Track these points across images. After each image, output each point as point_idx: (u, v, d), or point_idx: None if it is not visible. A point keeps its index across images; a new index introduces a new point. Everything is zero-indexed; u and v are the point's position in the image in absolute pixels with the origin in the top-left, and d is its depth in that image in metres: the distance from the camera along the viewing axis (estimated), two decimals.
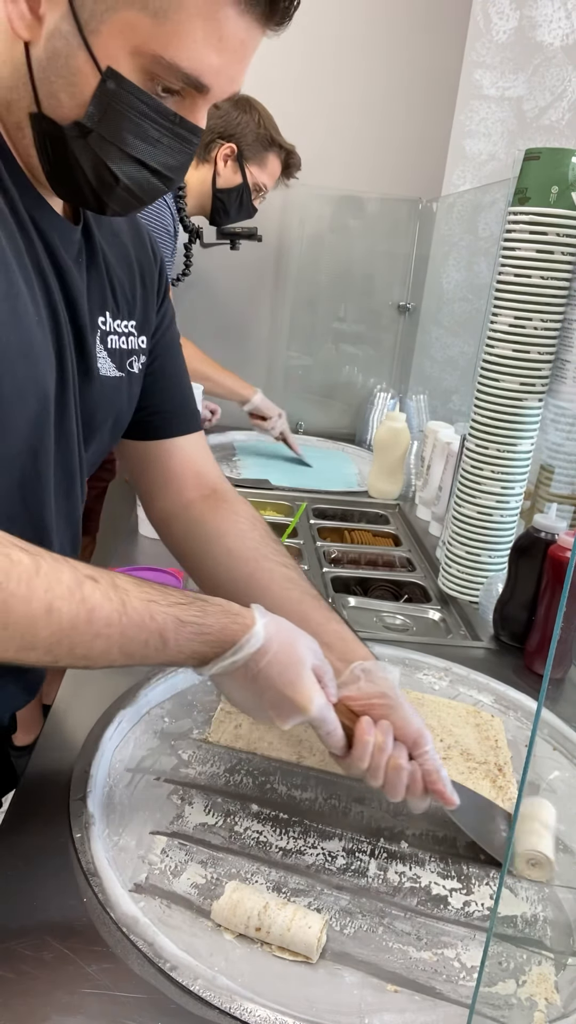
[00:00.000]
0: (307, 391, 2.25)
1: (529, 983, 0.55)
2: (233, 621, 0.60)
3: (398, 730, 0.65)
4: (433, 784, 0.64)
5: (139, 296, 0.77)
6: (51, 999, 0.50)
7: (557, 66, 1.69)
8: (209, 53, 0.54)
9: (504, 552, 1.10)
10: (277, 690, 0.60)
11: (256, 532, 0.82)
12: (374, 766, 0.63)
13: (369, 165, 2.04)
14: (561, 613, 0.80)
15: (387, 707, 0.66)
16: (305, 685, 0.61)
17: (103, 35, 0.53)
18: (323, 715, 0.62)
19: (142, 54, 0.54)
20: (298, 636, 0.63)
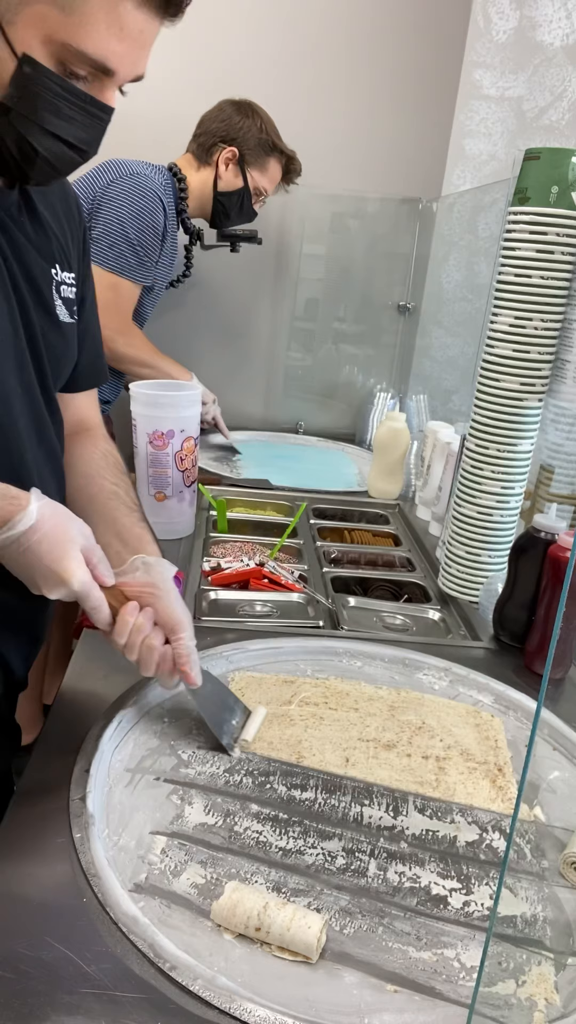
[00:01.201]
0: (307, 391, 2.25)
1: (529, 983, 0.55)
2: (9, 503, 0.67)
3: (160, 616, 0.74)
4: (181, 664, 0.74)
5: (73, 251, 0.85)
6: (51, 999, 0.50)
7: (557, 66, 1.69)
8: (111, 41, 0.63)
9: (504, 552, 1.10)
10: (45, 564, 0.67)
11: (104, 461, 0.91)
12: (130, 644, 0.72)
13: (369, 165, 2.04)
14: (561, 613, 0.80)
15: (155, 596, 0.74)
16: (71, 560, 0.67)
17: (18, 26, 0.61)
18: (86, 591, 0.68)
19: (53, 42, 0.62)
20: (71, 520, 0.70)
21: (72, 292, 0.83)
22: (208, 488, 1.49)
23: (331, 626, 1.09)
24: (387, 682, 0.93)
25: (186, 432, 1.25)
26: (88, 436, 0.94)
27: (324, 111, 1.99)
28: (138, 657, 0.73)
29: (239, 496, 1.57)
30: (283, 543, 1.31)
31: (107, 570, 0.72)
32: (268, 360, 2.23)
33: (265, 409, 2.24)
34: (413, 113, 2.00)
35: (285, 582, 1.18)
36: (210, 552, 1.29)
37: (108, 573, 0.72)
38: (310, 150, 2.01)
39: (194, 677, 0.75)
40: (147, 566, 0.77)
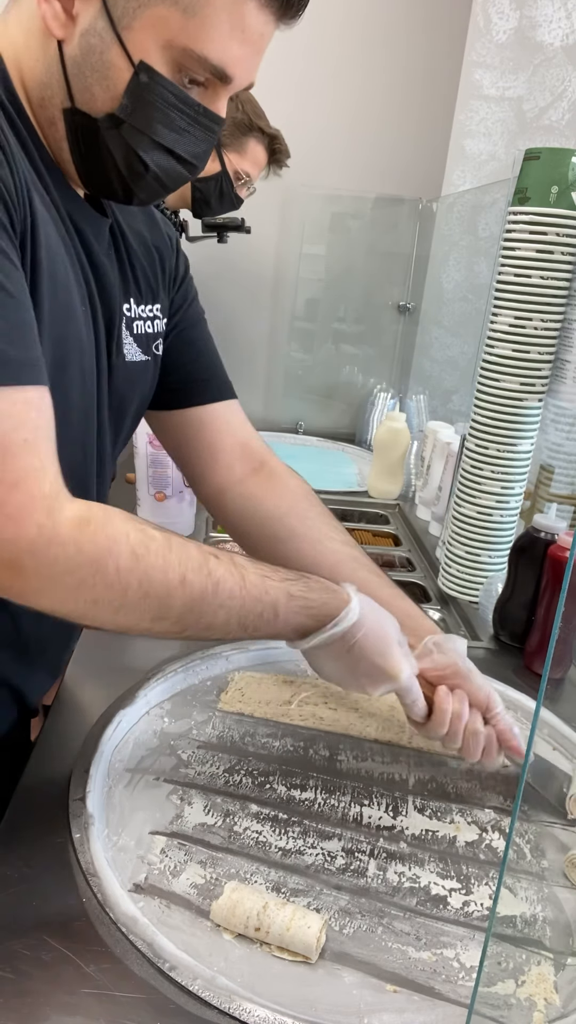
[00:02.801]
0: (307, 391, 2.25)
1: (528, 983, 0.55)
2: (333, 597, 0.66)
3: (471, 697, 0.71)
4: (507, 742, 0.71)
5: (160, 280, 0.79)
6: (51, 999, 0.50)
7: (557, 66, 1.69)
8: (233, 45, 0.58)
9: (504, 552, 1.10)
10: (370, 661, 0.66)
11: (315, 511, 0.85)
12: (453, 732, 0.69)
13: (369, 165, 2.04)
14: (560, 613, 0.80)
15: (459, 676, 0.71)
16: (396, 656, 0.66)
17: (135, 30, 0.56)
18: (410, 684, 0.67)
19: (173, 47, 0.57)
20: (386, 613, 0.69)
21: (150, 326, 0.77)
22: None
23: None
24: None
25: None
26: (274, 475, 0.87)
27: (324, 111, 1.99)
28: (462, 745, 0.71)
29: None
30: None
31: (412, 658, 0.70)
32: (268, 360, 2.23)
33: (265, 409, 2.24)
34: (413, 113, 2.00)
35: None
36: None
37: (414, 661, 0.70)
38: (310, 150, 2.01)
39: (523, 751, 0.72)
40: (438, 645, 0.73)
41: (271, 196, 2.04)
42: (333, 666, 0.68)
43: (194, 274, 0.90)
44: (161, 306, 0.79)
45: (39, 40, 0.59)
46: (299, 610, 0.64)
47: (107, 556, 0.54)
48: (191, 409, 0.85)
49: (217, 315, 2.25)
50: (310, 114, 1.99)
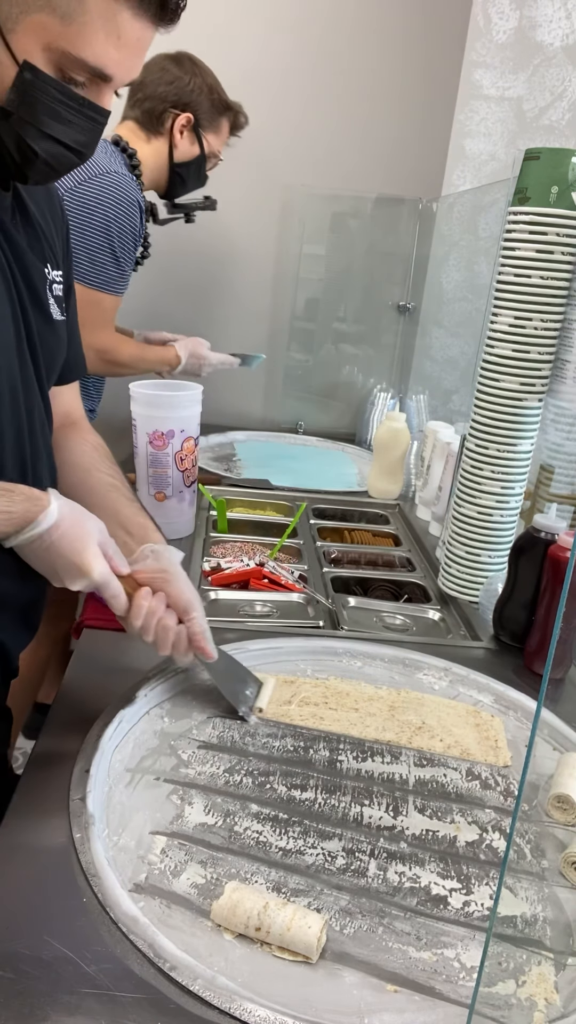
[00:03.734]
0: (307, 391, 2.25)
1: (529, 983, 0.55)
2: (34, 504, 0.72)
3: (171, 599, 0.79)
4: (196, 642, 0.80)
5: (59, 249, 0.87)
6: (51, 999, 0.50)
7: (557, 66, 1.69)
8: (109, 49, 0.65)
9: (504, 552, 1.10)
10: (66, 558, 0.72)
11: (96, 453, 0.95)
12: (146, 625, 0.77)
13: (369, 165, 2.04)
14: (561, 613, 0.80)
15: (166, 580, 0.79)
16: (90, 554, 0.73)
17: (18, 34, 0.63)
18: (105, 580, 0.74)
19: (52, 50, 0.64)
20: (87, 517, 0.75)
21: (60, 290, 0.85)
22: (208, 488, 1.50)
23: (331, 626, 1.09)
24: (387, 682, 0.93)
25: (186, 432, 1.25)
26: (76, 428, 0.97)
27: (324, 111, 1.99)
28: (154, 638, 0.78)
29: (239, 496, 1.57)
30: (283, 543, 1.31)
31: (121, 560, 0.77)
32: (268, 360, 2.22)
33: (265, 409, 2.24)
34: (413, 113, 2.00)
35: (285, 582, 1.18)
36: (210, 552, 1.29)
37: (122, 562, 0.77)
38: (310, 150, 2.01)
39: (211, 651, 0.81)
40: (156, 553, 0.81)
41: (271, 196, 2.04)
42: (39, 563, 0.74)
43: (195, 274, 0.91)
44: (62, 274, 0.87)
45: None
46: (2, 522, 0.70)
47: None
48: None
49: (218, 316, 2.25)
50: (310, 114, 1.99)
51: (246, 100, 1.91)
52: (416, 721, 0.85)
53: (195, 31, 1.84)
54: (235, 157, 1.98)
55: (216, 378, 2.01)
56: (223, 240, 2.06)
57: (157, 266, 2.04)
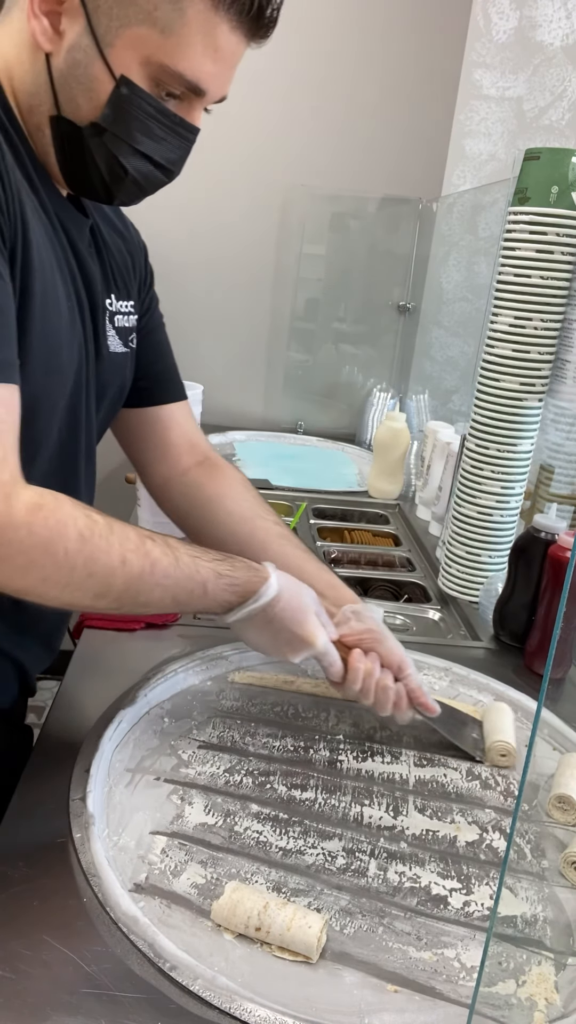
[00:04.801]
0: (307, 391, 2.25)
1: (529, 983, 0.55)
2: (256, 575, 0.72)
3: (384, 659, 0.78)
4: (417, 698, 0.78)
5: (132, 279, 0.86)
6: (51, 999, 0.50)
7: (557, 66, 1.69)
8: (206, 62, 0.63)
9: (504, 552, 1.10)
10: (289, 630, 0.72)
11: (250, 495, 0.93)
12: (365, 688, 0.76)
13: (369, 165, 2.04)
14: (561, 613, 0.81)
15: (374, 640, 0.78)
16: (312, 624, 0.73)
17: (117, 47, 0.62)
18: (327, 649, 0.74)
19: (151, 64, 0.63)
20: (302, 587, 0.75)
21: (127, 320, 0.83)
22: None
23: None
24: None
25: None
26: (215, 467, 0.94)
27: (324, 111, 1.99)
28: (374, 699, 0.77)
29: None
30: None
31: (331, 625, 0.77)
32: (268, 360, 2.23)
33: (265, 409, 2.24)
34: (413, 113, 2.00)
35: None
36: None
37: (332, 628, 0.77)
38: (310, 150, 2.01)
39: (433, 706, 0.79)
40: (356, 613, 0.80)
41: (271, 196, 2.04)
42: (257, 636, 0.74)
43: (195, 274, 0.92)
44: (134, 303, 0.85)
45: (29, 53, 0.64)
46: (225, 588, 0.70)
47: (57, 539, 0.59)
48: (150, 408, 0.92)
49: (218, 316, 2.26)
50: (310, 114, 1.99)
51: (246, 100, 1.91)
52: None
53: None
54: (235, 157, 1.99)
55: (216, 378, 2.02)
56: (223, 240, 2.06)
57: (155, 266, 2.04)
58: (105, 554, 0.61)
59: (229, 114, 1.77)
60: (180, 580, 0.67)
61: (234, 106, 1.68)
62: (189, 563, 0.68)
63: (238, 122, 1.94)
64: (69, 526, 0.60)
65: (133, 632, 0.96)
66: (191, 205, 2.01)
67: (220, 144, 1.95)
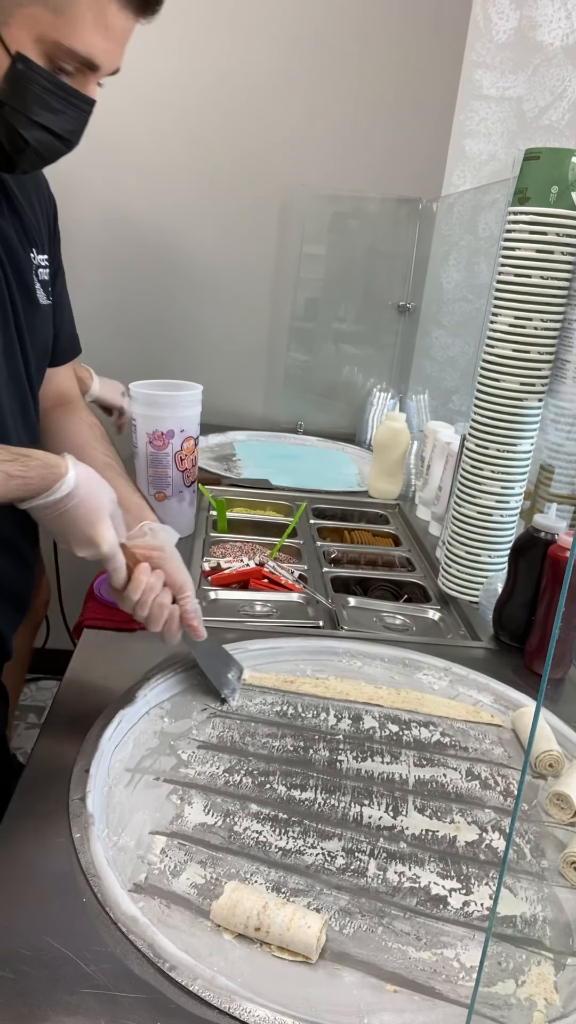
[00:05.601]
0: (307, 391, 2.25)
1: (528, 983, 0.55)
2: (51, 471, 0.73)
3: (169, 577, 0.80)
4: (188, 620, 0.82)
5: (45, 234, 0.90)
6: (51, 999, 0.50)
7: (557, 66, 1.69)
8: (98, 39, 0.68)
9: (504, 552, 1.10)
10: (79, 528, 0.74)
11: (91, 431, 0.97)
12: (143, 601, 0.78)
13: (369, 165, 2.04)
14: (560, 613, 0.80)
15: (162, 559, 0.81)
16: (102, 526, 0.75)
17: (11, 27, 0.66)
18: (113, 552, 0.76)
19: (45, 41, 0.67)
20: (101, 485, 0.76)
21: (47, 274, 0.88)
22: (208, 488, 1.50)
23: (331, 626, 1.09)
24: (387, 682, 0.93)
25: (186, 432, 1.25)
26: (71, 408, 1.00)
27: (324, 111, 1.99)
28: (148, 614, 0.79)
29: (239, 496, 1.57)
30: (283, 543, 1.31)
31: (123, 533, 0.79)
32: (268, 360, 2.23)
33: (265, 409, 2.24)
34: (413, 113, 2.00)
35: (285, 582, 1.18)
36: (210, 552, 1.29)
37: (123, 535, 0.79)
38: (310, 150, 2.01)
39: (202, 631, 0.83)
40: (153, 532, 0.83)
41: (271, 196, 2.04)
42: (51, 527, 0.75)
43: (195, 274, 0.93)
44: (48, 257, 0.89)
45: None
46: (18, 487, 0.71)
47: None
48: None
49: (217, 315, 2.25)
50: (310, 114, 1.98)
51: (246, 100, 1.91)
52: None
53: (195, 30, 1.85)
54: (235, 157, 1.99)
55: (216, 378, 2.01)
56: (223, 240, 2.06)
57: (156, 266, 2.04)
58: None
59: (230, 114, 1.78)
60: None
61: (234, 106, 1.69)
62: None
63: (238, 122, 1.94)
64: None
65: (133, 632, 0.96)
66: (191, 205, 2.01)
67: (220, 144, 1.96)
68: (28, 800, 0.67)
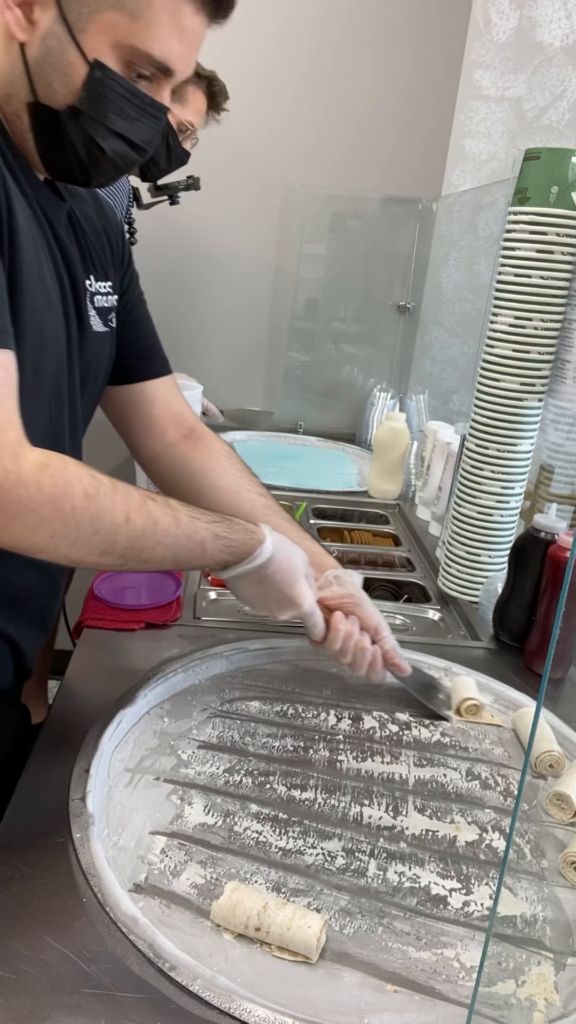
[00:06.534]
0: (307, 391, 2.25)
1: (528, 983, 0.55)
2: (251, 537, 0.76)
3: (363, 621, 0.83)
4: (391, 660, 0.84)
5: (109, 260, 0.87)
6: (51, 999, 0.50)
7: (557, 66, 1.69)
8: (173, 43, 0.67)
9: (504, 552, 1.10)
10: (280, 591, 0.77)
11: (234, 467, 0.95)
12: (345, 648, 0.81)
13: (369, 165, 2.04)
14: (561, 613, 0.80)
15: (354, 604, 0.83)
16: (301, 587, 0.78)
17: (89, 33, 0.65)
18: (312, 610, 0.79)
19: (122, 47, 0.66)
20: (295, 550, 0.79)
21: (106, 300, 0.85)
22: None
23: None
24: None
25: None
26: (200, 440, 0.96)
27: (324, 111, 1.99)
28: (352, 659, 0.82)
29: None
30: None
31: (315, 589, 0.81)
32: (268, 360, 2.23)
33: (265, 409, 2.25)
34: (413, 113, 2.00)
35: None
36: None
37: (316, 591, 0.81)
38: (311, 150, 2.01)
39: (405, 667, 0.86)
40: (338, 579, 0.85)
41: (271, 196, 2.05)
42: (249, 593, 0.78)
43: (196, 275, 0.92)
44: (112, 284, 0.87)
45: (3, 44, 0.67)
46: (223, 549, 0.74)
47: (64, 496, 0.61)
48: (135, 385, 0.94)
49: (217, 315, 2.25)
50: (310, 114, 1.99)
51: (246, 101, 1.91)
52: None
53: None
54: (235, 157, 1.99)
55: (216, 378, 2.01)
56: (223, 240, 2.06)
57: (155, 266, 2.04)
58: (110, 512, 0.64)
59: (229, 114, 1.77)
60: (180, 539, 0.70)
61: (235, 106, 1.69)
62: (188, 523, 0.71)
63: (239, 122, 1.94)
64: (75, 484, 0.62)
65: (133, 632, 0.96)
66: (191, 205, 2.01)
67: (221, 144, 1.96)
68: (28, 800, 0.67)
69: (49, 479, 0.60)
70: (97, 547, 0.65)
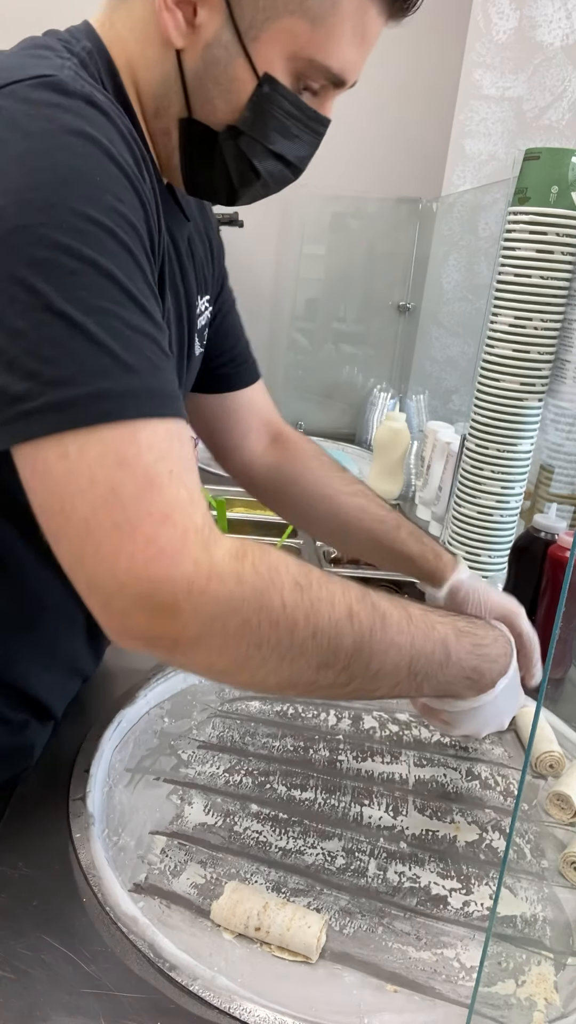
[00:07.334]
0: (307, 391, 2.25)
1: (528, 983, 0.55)
2: (494, 664, 0.61)
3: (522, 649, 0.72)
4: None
5: (212, 270, 0.80)
6: (51, 999, 0.50)
7: (557, 66, 1.69)
8: (352, 51, 0.57)
9: (504, 552, 1.10)
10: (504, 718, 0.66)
11: (322, 469, 0.89)
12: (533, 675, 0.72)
13: (369, 165, 2.04)
14: (561, 613, 0.80)
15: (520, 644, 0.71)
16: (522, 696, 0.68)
17: (262, 42, 0.55)
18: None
19: (298, 58, 0.56)
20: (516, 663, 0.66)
21: (204, 319, 0.79)
22: (208, 488, 1.49)
23: None
24: None
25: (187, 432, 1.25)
26: (287, 443, 0.91)
27: None
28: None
29: (239, 496, 1.57)
30: (283, 543, 1.31)
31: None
32: (268, 360, 2.23)
33: None
34: (413, 113, 2.00)
35: None
36: None
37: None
38: None
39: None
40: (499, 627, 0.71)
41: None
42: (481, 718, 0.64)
43: None
44: (211, 296, 0.79)
45: (156, 50, 0.57)
46: (471, 648, 0.58)
47: (271, 587, 0.47)
48: (232, 393, 0.88)
49: None
50: None
51: None
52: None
53: None
54: None
55: None
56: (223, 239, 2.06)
57: None
58: (329, 605, 0.49)
59: None
60: (416, 638, 0.54)
61: None
62: (421, 616, 0.56)
63: None
64: (282, 572, 0.48)
65: None
66: None
67: None
68: (28, 800, 0.67)
69: (251, 568, 0.47)
70: (316, 656, 0.49)
